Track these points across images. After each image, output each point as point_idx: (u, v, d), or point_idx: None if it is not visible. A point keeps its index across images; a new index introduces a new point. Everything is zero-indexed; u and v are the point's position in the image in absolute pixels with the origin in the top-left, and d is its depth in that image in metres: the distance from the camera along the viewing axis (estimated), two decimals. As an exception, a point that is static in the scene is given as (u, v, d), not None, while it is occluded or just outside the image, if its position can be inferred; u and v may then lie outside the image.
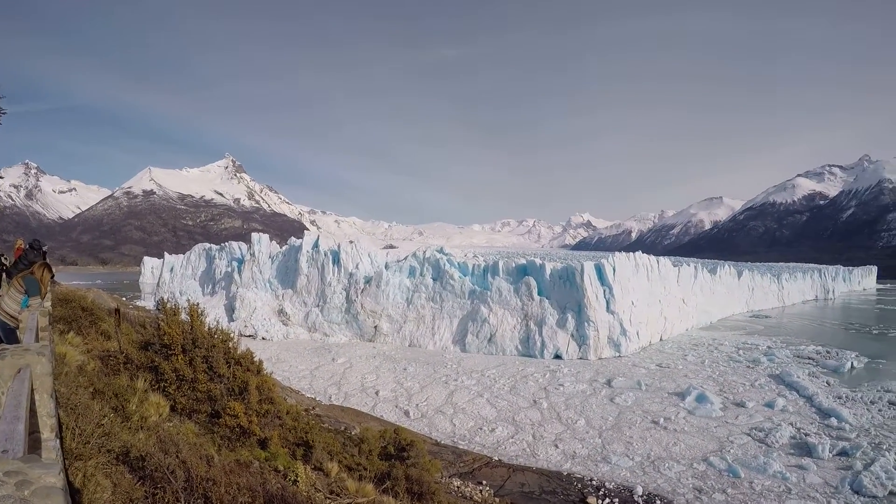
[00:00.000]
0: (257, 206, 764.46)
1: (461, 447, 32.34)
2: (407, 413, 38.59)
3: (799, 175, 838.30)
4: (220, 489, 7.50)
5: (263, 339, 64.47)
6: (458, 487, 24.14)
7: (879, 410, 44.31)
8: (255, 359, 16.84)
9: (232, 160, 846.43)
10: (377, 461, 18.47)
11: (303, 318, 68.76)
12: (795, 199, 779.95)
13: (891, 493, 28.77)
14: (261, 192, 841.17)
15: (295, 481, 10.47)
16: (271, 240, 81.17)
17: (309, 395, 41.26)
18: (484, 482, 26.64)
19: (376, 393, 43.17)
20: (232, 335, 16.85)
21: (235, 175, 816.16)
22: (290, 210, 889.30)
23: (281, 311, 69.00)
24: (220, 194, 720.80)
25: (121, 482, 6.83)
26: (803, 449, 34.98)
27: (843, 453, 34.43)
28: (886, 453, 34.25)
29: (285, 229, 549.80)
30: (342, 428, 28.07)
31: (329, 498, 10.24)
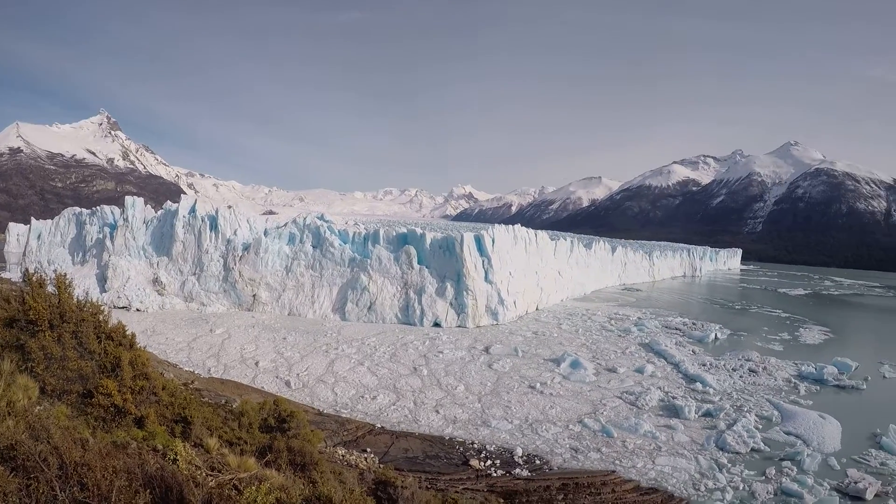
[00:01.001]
0: (132, 167, 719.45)
1: (344, 416, 32.35)
2: (288, 383, 38.14)
3: (675, 162, 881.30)
4: (97, 474, 7.19)
5: (138, 310, 61.23)
6: (343, 456, 24.18)
7: (740, 377, 47.59)
8: (128, 332, 16.18)
9: (107, 116, 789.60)
10: (258, 434, 18.20)
11: (179, 287, 66.08)
12: (670, 184, 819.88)
13: (752, 449, 31.28)
14: (136, 151, 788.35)
15: (174, 460, 10.16)
16: (146, 204, 77.11)
17: (187, 369, 39.99)
18: (368, 450, 26.81)
19: (256, 364, 42.33)
20: (103, 307, 16.13)
21: (110, 133, 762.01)
22: (166, 172, 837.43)
23: (156, 281, 65.87)
24: (93, 153, 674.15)
25: (-7, 476, 6.47)
26: (671, 411, 37.26)
27: (707, 414, 36.91)
28: (747, 415, 37.00)
29: (161, 193, 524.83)
30: (223, 402, 27.53)
31: (210, 475, 9.99)
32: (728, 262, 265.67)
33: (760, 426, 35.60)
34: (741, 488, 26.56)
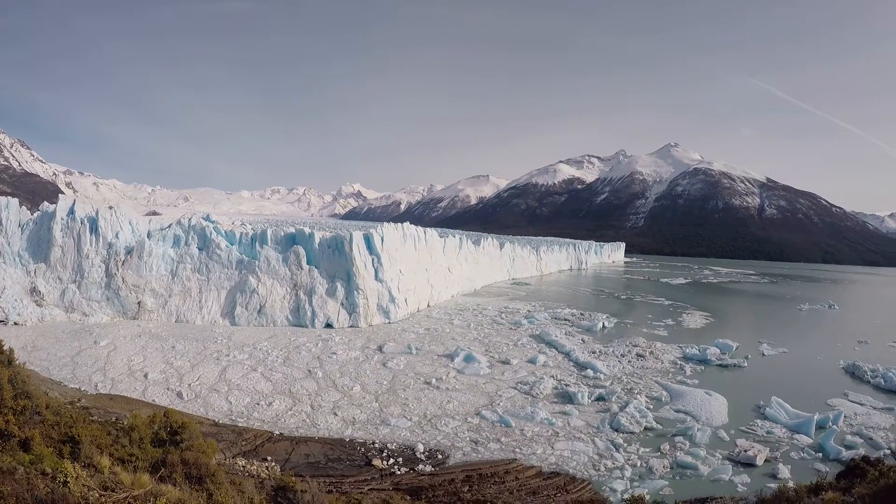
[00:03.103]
0: (6, 164, 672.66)
1: (240, 425, 31.49)
2: (180, 394, 36.74)
3: (561, 161, 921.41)
4: (-16, 502, 6.77)
5: (15, 323, 56.54)
6: (243, 467, 23.51)
7: (629, 361, 49.68)
8: (6, 348, 15.33)
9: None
10: (150, 449, 17.50)
11: (59, 296, 61.89)
12: (556, 182, 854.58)
13: (645, 428, 33.08)
14: (11, 147, 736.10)
15: (65, 482, 9.64)
16: (21, 205, 71.87)
17: (72, 386, 37.72)
18: (269, 458, 26.22)
19: (145, 376, 40.43)
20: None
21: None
22: (43, 170, 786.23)
23: (34, 290, 61.26)
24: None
25: None
26: (565, 397, 38.56)
27: (600, 399, 38.49)
28: (638, 396, 38.86)
29: (38, 192, 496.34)
30: (113, 419, 26.27)
31: (104, 495, 9.55)
32: (612, 255, 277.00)
33: (651, 406, 37.37)
34: (639, 465, 27.82)
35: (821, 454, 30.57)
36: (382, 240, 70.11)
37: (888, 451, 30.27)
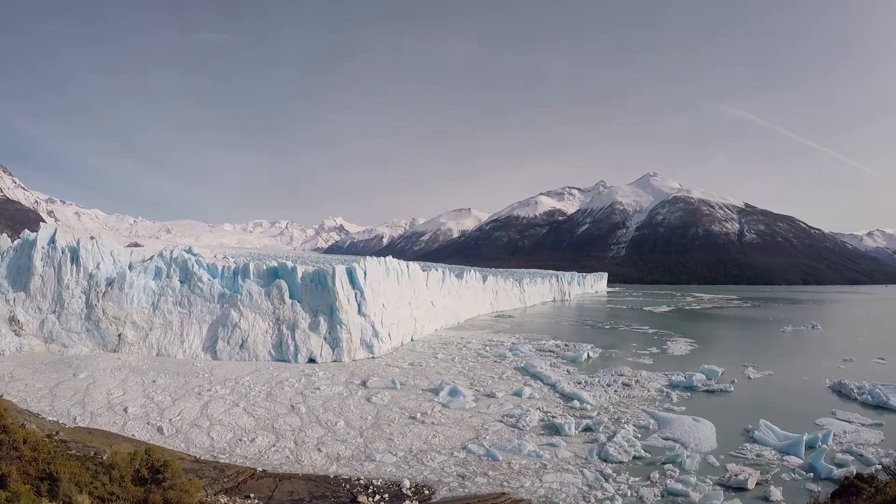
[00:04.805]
0: None
1: (222, 461, 30.82)
2: (160, 430, 36.07)
3: (542, 193, 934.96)
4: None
5: None
6: (225, 504, 23.07)
7: (615, 391, 49.53)
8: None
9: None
10: (131, 487, 17.08)
11: (38, 326, 60.54)
12: (537, 214, 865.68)
13: (634, 457, 32.87)
14: None
15: (43, 520, 9.31)
16: (2, 232, 70.93)
17: (50, 419, 36.96)
18: (252, 495, 25.64)
19: (125, 410, 39.67)
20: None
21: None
22: (25, 197, 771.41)
23: (13, 320, 59.80)
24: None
25: None
26: (552, 429, 38.17)
27: (587, 429, 38.23)
28: (625, 426, 38.72)
29: (19, 220, 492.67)
30: (91, 453, 25.65)
31: (83, 534, 9.21)
32: (595, 285, 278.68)
33: (639, 435, 37.09)
34: (629, 495, 27.49)
35: (812, 474, 30.49)
36: (365, 274, 69.88)
37: (879, 467, 30.27)
